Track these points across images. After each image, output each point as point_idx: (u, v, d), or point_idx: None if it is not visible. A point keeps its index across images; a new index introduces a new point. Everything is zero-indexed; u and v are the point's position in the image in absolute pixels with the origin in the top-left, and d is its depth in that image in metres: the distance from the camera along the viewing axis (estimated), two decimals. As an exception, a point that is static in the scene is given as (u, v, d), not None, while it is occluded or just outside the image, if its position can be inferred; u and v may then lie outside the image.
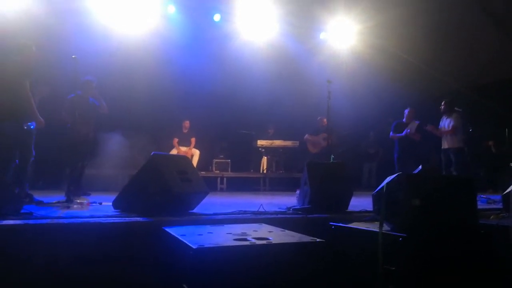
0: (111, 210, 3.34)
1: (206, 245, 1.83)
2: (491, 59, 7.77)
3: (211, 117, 8.44)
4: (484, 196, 4.99)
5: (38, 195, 4.14)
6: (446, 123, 6.73)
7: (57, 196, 4.23)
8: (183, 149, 8.15)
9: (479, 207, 3.18)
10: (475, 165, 7.57)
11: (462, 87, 8.44)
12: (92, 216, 2.91)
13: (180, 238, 2.03)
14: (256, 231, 2.32)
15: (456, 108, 6.72)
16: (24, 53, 4.14)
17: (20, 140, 4.04)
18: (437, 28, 7.29)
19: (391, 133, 7.11)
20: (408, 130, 6.85)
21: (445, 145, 6.70)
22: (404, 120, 7.06)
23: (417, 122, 6.93)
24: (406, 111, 7.07)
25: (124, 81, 6.94)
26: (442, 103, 6.81)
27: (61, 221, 2.72)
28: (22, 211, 2.94)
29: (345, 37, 8.55)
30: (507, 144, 7.80)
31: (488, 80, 8.71)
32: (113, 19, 6.94)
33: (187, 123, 8.33)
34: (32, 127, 4.19)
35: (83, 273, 2.03)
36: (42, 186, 6.23)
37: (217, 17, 7.91)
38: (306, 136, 8.46)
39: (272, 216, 3.32)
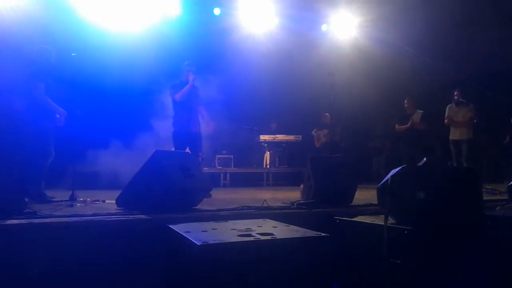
0: (115, 208, 3.34)
1: (210, 242, 1.83)
2: (493, 49, 7.68)
3: (212, 112, 8.41)
4: (489, 187, 4.96)
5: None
6: (459, 113, 6.55)
7: (59, 194, 4.24)
8: (185, 145, 8.13)
9: (485, 198, 3.16)
10: (480, 156, 7.51)
11: (463, 78, 8.36)
12: (95, 214, 2.91)
13: (184, 235, 2.02)
14: (261, 226, 2.31)
15: (460, 99, 6.64)
16: (42, 58, 4.27)
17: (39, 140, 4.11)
18: (438, 19, 7.22)
19: (396, 125, 7.03)
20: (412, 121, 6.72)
21: (456, 135, 6.52)
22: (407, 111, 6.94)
23: (420, 112, 6.83)
24: (405, 102, 6.96)
25: (122, 78, 6.91)
26: (456, 93, 6.61)
27: (65, 219, 2.72)
28: (26, 210, 2.94)
29: (347, 30, 8.47)
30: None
31: (490, 71, 8.63)
32: (111, 14, 6.91)
33: (187, 119, 8.30)
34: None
35: (87, 272, 2.02)
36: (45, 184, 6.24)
37: (217, 11, 7.87)
38: (314, 131, 8.52)
39: (276, 211, 3.31)
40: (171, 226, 2.29)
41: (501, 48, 7.59)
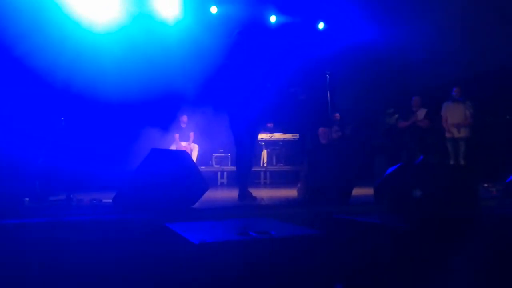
0: (112, 207, 3.33)
1: (208, 241, 1.83)
2: (492, 47, 7.68)
3: (209, 111, 8.39)
4: (486, 185, 4.98)
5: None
6: (456, 111, 6.52)
7: (56, 194, 4.22)
8: (183, 144, 8.11)
9: (481, 196, 3.17)
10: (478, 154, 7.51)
11: (463, 76, 8.36)
12: (93, 214, 2.91)
13: (181, 234, 2.02)
14: (258, 225, 2.31)
15: (458, 98, 6.63)
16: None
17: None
18: (439, 16, 7.22)
19: (399, 121, 7.00)
20: (416, 118, 6.70)
21: (455, 134, 6.51)
22: (412, 108, 6.89)
23: (425, 110, 6.82)
24: (413, 99, 6.92)
25: (118, 78, 6.90)
26: (455, 89, 6.57)
27: (62, 219, 2.71)
28: (23, 209, 2.93)
29: (343, 27, 8.48)
30: None
31: (489, 68, 8.62)
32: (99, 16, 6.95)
33: (184, 118, 8.28)
34: None
35: (84, 271, 2.01)
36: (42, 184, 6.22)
37: (213, 10, 7.85)
38: (321, 129, 8.49)
39: (274, 209, 3.31)
40: (168, 225, 2.29)
41: (501, 45, 7.59)
